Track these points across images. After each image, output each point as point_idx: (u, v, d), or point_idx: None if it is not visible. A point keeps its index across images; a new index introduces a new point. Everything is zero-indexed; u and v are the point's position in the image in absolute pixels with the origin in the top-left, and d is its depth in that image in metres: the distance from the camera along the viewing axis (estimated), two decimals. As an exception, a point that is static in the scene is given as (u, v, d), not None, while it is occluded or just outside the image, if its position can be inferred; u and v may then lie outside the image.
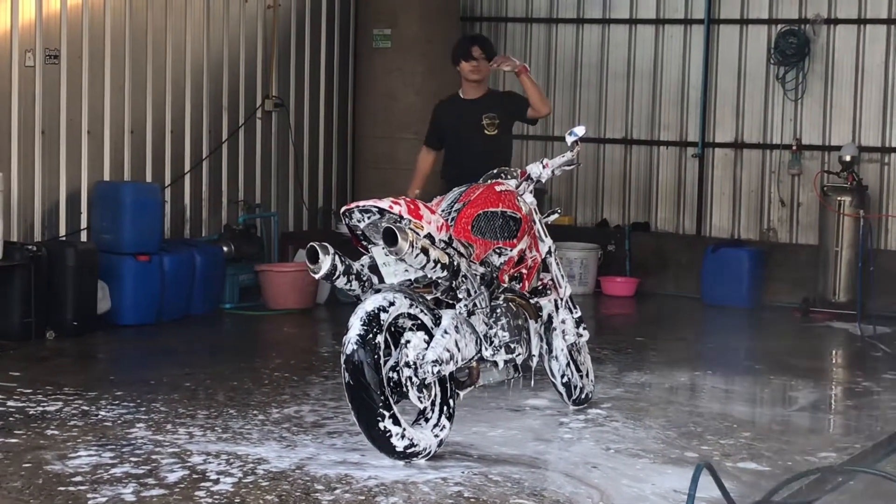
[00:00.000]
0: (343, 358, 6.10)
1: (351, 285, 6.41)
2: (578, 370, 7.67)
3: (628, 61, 13.18)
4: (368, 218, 6.30)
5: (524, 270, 7.18)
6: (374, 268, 6.46)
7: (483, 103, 8.83)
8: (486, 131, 8.69)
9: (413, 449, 6.23)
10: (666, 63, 13.02)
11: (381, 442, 6.16)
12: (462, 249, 6.61)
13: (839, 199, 11.80)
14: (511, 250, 7.04)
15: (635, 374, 8.83)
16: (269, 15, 12.27)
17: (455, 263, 6.42)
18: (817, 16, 12.28)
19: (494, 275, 6.90)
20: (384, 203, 6.30)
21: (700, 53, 12.81)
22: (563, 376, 7.56)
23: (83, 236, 10.51)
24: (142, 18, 11.03)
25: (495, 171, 7.53)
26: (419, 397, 6.30)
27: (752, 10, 12.64)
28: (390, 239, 6.08)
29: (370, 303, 6.19)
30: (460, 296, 6.56)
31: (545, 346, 7.41)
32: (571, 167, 7.63)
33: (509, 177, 7.39)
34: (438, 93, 12.47)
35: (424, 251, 6.17)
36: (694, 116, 12.89)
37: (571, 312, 7.64)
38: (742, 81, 12.71)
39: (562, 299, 7.54)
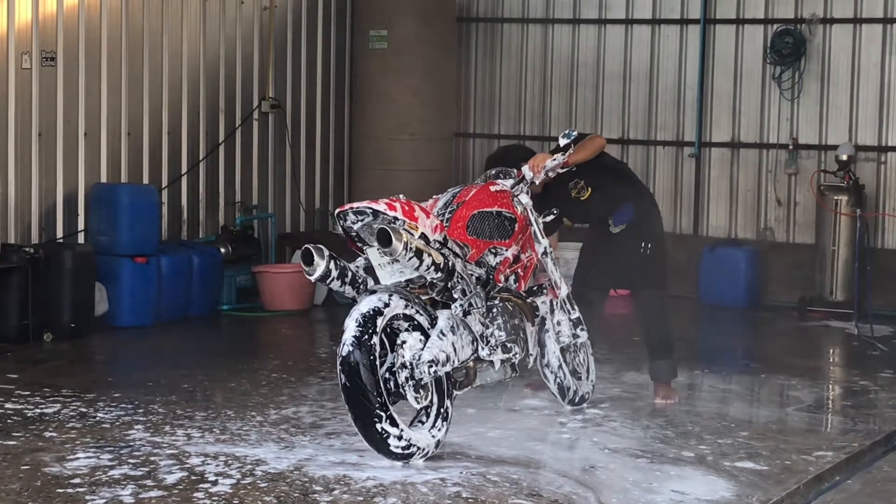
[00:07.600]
0: (339, 360, 6.10)
1: (345, 289, 6.41)
2: (575, 372, 7.67)
3: (625, 61, 13.16)
4: (362, 219, 6.30)
5: (520, 271, 7.19)
6: (369, 269, 6.47)
7: (564, 179, 7.81)
8: (581, 198, 7.88)
9: (411, 450, 6.23)
10: (662, 63, 13.01)
11: (379, 443, 6.17)
12: (457, 250, 6.62)
13: (836, 198, 11.79)
14: (506, 250, 7.04)
15: (633, 373, 8.82)
16: (265, 16, 12.27)
17: (450, 264, 6.42)
18: (813, 15, 12.28)
19: (490, 275, 6.90)
20: (379, 205, 6.30)
21: (696, 53, 12.79)
22: (555, 378, 7.56)
23: (80, 238, 10.50)
24: (138, 20, 11.02)
25: (493, 171, 7.53)
26: (416, 398, 6.30)
27: (749, 9, 12.63)
28: (384, 240, 6.09)
29: (365, 304, 6.19)
30: (456, 296, 6.57)
31: (538, 348, 7.41)
32: (564, 170, 7.60)
33: (506, 177, 7.39)
34: (435, 94, 12.55)
35: (418, 252, 6.18)
36: (690, 116, 12.89)
37: (569, 313, 7.64)
38: (738, 81, 12.69)
39: (558, 300, 7.54)
